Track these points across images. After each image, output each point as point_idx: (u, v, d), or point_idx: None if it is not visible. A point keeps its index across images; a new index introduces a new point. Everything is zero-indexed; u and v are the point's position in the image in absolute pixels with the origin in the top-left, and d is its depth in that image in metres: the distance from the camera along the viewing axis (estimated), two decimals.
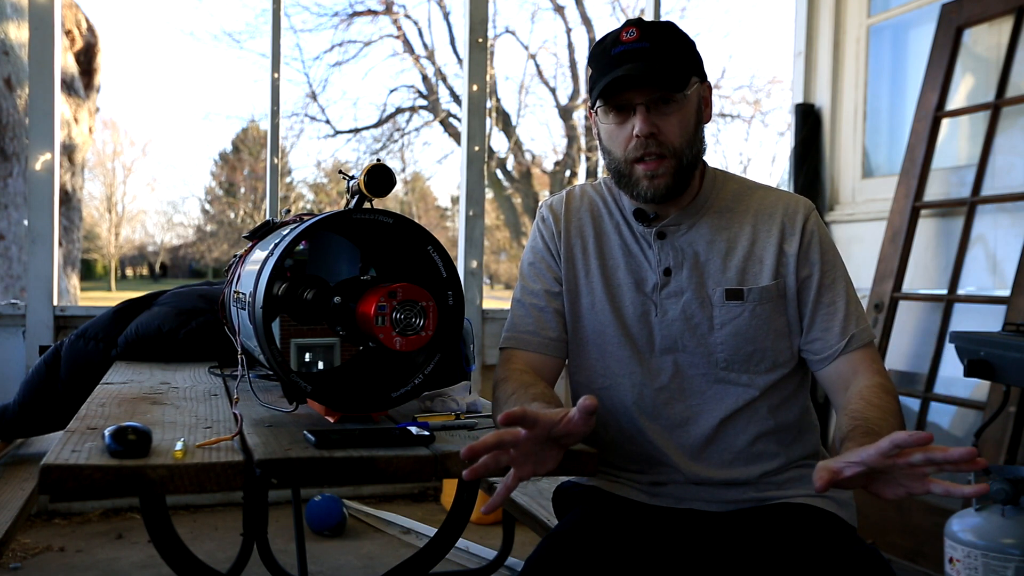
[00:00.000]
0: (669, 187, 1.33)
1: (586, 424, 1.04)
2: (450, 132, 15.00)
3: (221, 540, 2.88)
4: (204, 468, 1.02)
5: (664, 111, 1.31)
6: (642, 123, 1.30)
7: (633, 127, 1.31)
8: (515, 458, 1.05)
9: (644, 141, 1.30)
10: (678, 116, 1.32)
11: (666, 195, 1.33)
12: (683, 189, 1.36)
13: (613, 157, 1.36)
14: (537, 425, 1.03)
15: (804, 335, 1.37)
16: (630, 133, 1.31)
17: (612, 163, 1.37)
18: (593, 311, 1.41)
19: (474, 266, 3.54)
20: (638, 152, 1.31)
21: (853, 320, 1.34)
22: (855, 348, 1.33)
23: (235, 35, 24.57)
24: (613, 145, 1.35)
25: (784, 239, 1.37)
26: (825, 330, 1.35)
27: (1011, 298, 2.67)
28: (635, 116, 1.31)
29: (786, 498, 1.35)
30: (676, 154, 1.32)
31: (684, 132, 1.32)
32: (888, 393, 1.27)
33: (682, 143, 1.32)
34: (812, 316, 1.36)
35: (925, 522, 2.70)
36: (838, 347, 1.33)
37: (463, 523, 1.59)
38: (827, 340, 1.34)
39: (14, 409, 2.24)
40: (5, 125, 5.24)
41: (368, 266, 1.44)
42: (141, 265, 26.70)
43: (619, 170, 1.36)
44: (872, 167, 3.68)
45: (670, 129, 1.31)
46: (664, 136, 1.31)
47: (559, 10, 14.82)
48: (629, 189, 1.36)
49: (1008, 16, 2.96)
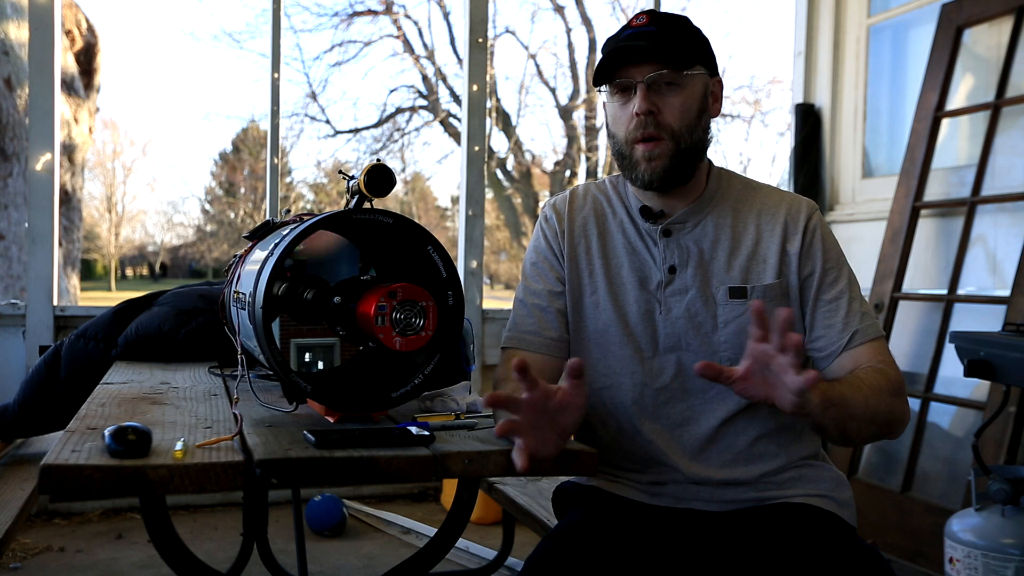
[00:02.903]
0: (667, 170, 1.33)
1: (577, 389, 1.10)
2: (450, 132, 15.00)
3: (221, 540, 2.88)
4: (204, 468, 1.02)
5: (665, 92, 1.32)
6: (641, 100, 1.31)
7: (634, 106, 1.32)
8: (521, 425, 1.09)
9: (643, 120, 1.31)
10: (679, 99, 1.33)
11: (664, 179, 1.34)
12: (682, 176, 1.36)
13: (616, 139, 1.37)
14: (535, 388, 1.08)
15: (807, 333, 1.37)
16: (631, 113, 1.33)
17: (615, 145, 1.38)
18: (596, 310, 1.41)
19: (474, 266, 3.54)
20: (637, 131, 1.33)
21: (857, 316, 1.34)
22: (859, 344, 1.33)
23: (235, 35, 24.62)
24: (617, 127, 1.37)
25: (787, 238, 1.37)
26: (828, 327, 1.35)
27: (1011, 298, 2.67)
28: (636, 95, 1.32)
29: (786, 498, 1.35)
30: (674, 137, 1.33)
31: (684, 116, 1.33)
32: (879, 373, 1.27)
33: (681, 127, 1.33)
34: (814, 314, 1.36)
35: (925, 522, 2.70)
36: (840, 343, 1.33)
37: (463, 523, 1.59)
38: (829, 337, 1.34)
39: (14, 409, 2.24)
40: (5, 125, 5.24)
41: (368, 266, 1.44)
42: (141, 265, 26.70)
43: (621, 152, 1.37)
44: (872, 167, 3.68)
45: (670, 110, 1.32)
46: (663, 117, 1.32)
47: (559, 10, 14.83)
48: (629, 172, 1.37)
49: (1008, 16, 2.96)
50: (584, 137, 15.52)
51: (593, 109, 15.11)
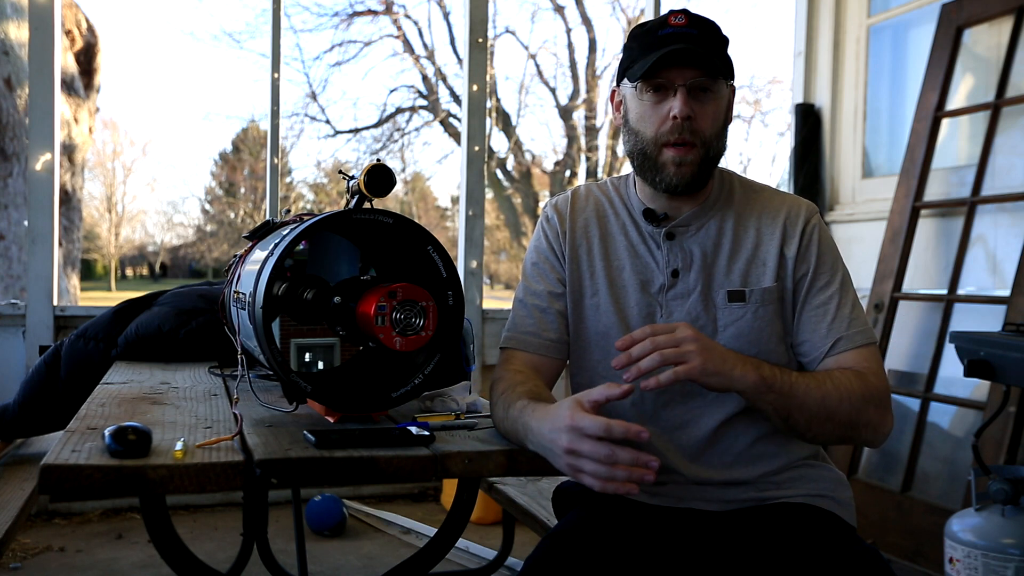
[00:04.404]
0: (694, 176, 1.32)
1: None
2: (450, 132, 15.00)
3: (221, 540, 2.88)
4: (204, 468, 1.02)
5: (702, 99, 1.31)
6: (682, 104, 1.29)
7: (670, 109, 1.30)
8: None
9: (680, 124, 1.29)
10: (713, 106, 1.32)
11: (689, 185, 1.33)
12: (703, 184, 1.36)
13: (641, 138, 1.34)
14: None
15: (794, 337, 1.36)
16: (666, 114, 1.30)
17: (639, 144, 1.35)
18: (597, 312, 1.41)
19: (474, 266, 3.54)
20: (672, 135, 1.30)
21: (844, 322, 1.32)
22: (844, 350, 1.31)
23: (235, 35, 24.60)
24: (644, 125, 1.34)
25: (785, 242, 1.37)
26: (812, 331, 1.34)
27: (1011, 298, 2.67)
28: (674, 97, 1.30)
29: (786, 498, 1.35)
30: (705, 144, 1.32)
31: (716, 124, 1.33)
32: (857, 377, 1.26)
33: (712, 135, 1.32)
34: (800, 317, 1.35)
35: (925, 522, 2.70)
36: (823, 348, 1.32)
37: (463, 523, 1.59)
38: (813, 341, 1.33)
39: (14, 409, 2.24)
40: (5, 125, 5.24)
41: (368, 266, 1.44)
42: (141, 265, 26.70)
43: (645, 152, 1.34)
44: (872, 167, 3.68)
45: (705, 118, 1.31)
46: (698, 124, 1.30)
47: (559, 10, 14.83)
48: (653, 174, 1.34)
49: (1008, 16, 2.96)
50: (584, 137, 15.52)
51: (593, 109, 15.11)
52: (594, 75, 15.02)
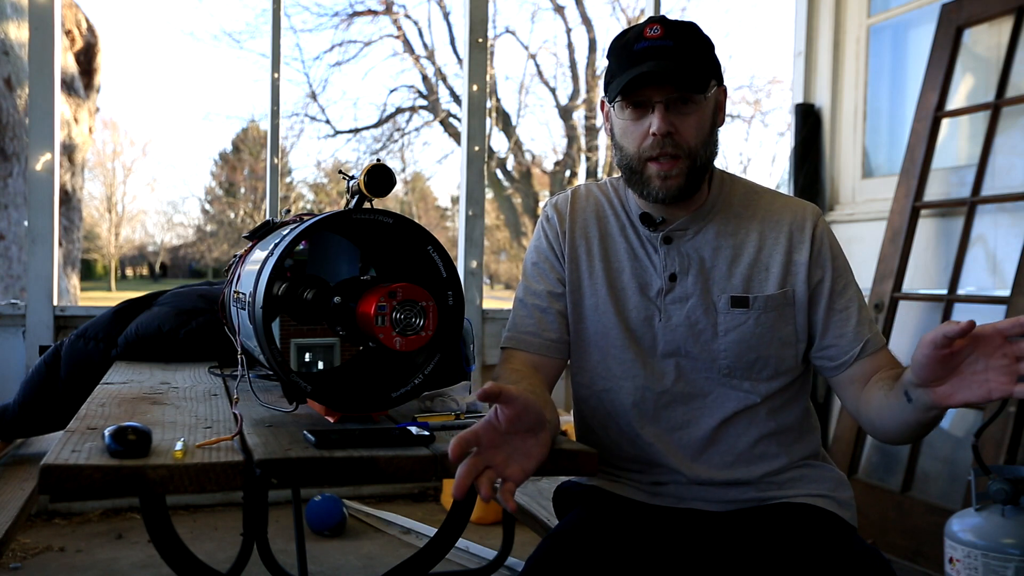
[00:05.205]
0: (681, 188, 1.31)
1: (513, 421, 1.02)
2: (450, 132, 15.01)
3: (221, 540, 2.88)
4: (204, 468, 1.02)
5: (683, 111, 1.29)
6: (660, 122, 1.28)
7: (650, 125, 1.29)
8: (494, 460, 1.02)
9: (660, 140, 1.28)
10: (696, 117, 1.30)
11: (677, 196, 1.32)
12: (694, 191, 1.34)
13: (626, 153, 1.34)
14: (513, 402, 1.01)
15: (818, 341, 1.36)
16: (646, 130, 1.30)
17: (624, 159, 1.34)
18: (596, 313, 1.41)
19: (474, 266, 3.54)
20: (653, 151, 1.29)
21: (866, 325, 1.34)
22: (871, 352, 1.33)
23: (235, 35, 24.65)
24: (627, 141, 1.33)
25: (793, 248, 1.36)
26: (839, 336, 1.34)
27: (1011, 298, 2.67)
28: (653, 113, 1.29)
29: (787, 498, 1.35)
30: (691, 155, 1.30)
31: (700, 134, 1.31)
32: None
33: (697, 144, 1.31)
34: (825, 323, 1.36)
35: (925, 522, 2.70)
36: (853, 353, 1.33)
37: (463, 523, 1.59)
38: (841, 346, 1.34)
39: (14, 409, 2.24)
40: (5, 125, 5.24)
41: (368, 266, 1.44)
42: (141, 265, 26.72)
43: (631, 167, 1.33)
44: (872, 167, 3.68)
45: (687, 130, 1.30)
46: (680, 136, 1.29)
47: (559, 10, 14.85)
48: (640, 188, 1.34)
49: (1008, 16, 2.96)
50: (584, 137, 15.53)
51: (593, 109, 15.12)
52: (594, 75, 15.04)
